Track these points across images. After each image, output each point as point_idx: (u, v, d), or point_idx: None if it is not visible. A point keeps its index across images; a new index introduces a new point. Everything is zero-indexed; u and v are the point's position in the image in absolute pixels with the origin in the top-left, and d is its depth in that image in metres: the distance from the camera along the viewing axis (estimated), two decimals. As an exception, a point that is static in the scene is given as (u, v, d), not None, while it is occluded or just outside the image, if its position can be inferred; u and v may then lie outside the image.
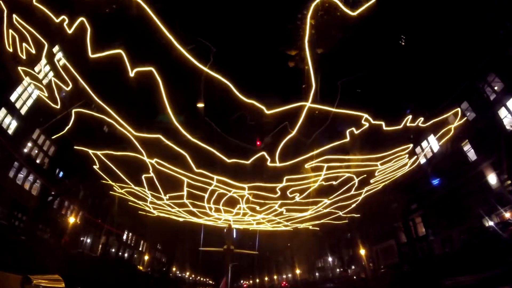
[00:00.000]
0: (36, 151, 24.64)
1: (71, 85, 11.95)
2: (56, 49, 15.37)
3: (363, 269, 34.07)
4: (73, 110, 13.42)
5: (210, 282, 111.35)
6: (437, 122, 15.25)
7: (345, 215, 25.91)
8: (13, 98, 20.66)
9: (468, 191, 23.32)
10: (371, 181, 20.36)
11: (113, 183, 19.90)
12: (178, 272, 79.32)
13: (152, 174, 17.29)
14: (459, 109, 15.37)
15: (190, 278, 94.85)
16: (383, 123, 13.71)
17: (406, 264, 25.59)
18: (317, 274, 55.21)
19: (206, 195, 20.32)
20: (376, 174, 19.14)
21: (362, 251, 31.32)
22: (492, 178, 21.63)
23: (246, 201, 20.93)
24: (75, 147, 16.47)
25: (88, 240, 36.04)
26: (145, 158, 15.03)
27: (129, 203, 25.55)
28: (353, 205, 24.14)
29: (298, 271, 59.44)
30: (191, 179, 17.07)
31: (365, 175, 18.34)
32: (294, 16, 13.65)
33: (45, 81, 16.20)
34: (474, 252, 17.13)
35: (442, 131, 17.94)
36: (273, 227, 28.33)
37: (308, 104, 12.29)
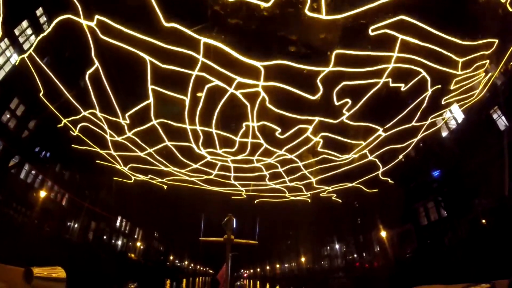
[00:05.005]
0: (15, 122, 21.59)
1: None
2: None
3: (384, 256, 31.23)
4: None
5: (210, 271, 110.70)
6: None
7: (382, 179, 21.15)
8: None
9: (499, 163, 20.55)
10: (443, 101, 14.81)
11: (65, 121, 15.09)
12: (177, 261, 77.34)
13: (96, 63, 10.72)
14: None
15: (190, 267, 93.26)
16: None
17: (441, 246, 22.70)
18: (323, 262, 52.27)
19: (187, 98, 11.99)
20: (451, 87, 13.63)
21: (383, 233, 28.54)
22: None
23: (260, 108, 12.11)
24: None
25: (76, 225, 33.28)
26: (81, 19, 9.04)
27: (97, 161, 20.25)
28: (400, 157, 19.36)
29: (303, 259, 56.93)
30: (158, 55, 9.60)
31: (439, 86, 13.80)
32: None
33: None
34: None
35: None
36: (294, 186, 20.52)
37: None
